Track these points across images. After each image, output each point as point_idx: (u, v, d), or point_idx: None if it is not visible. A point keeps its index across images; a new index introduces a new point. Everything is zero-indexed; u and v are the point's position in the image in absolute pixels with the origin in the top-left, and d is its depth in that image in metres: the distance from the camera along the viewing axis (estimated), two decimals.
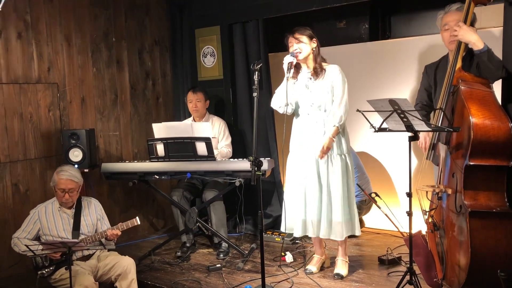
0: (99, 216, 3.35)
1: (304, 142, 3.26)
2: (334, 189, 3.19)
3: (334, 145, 3.19)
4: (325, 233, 3.22)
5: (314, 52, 3.21)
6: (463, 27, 2.73)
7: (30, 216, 3.22)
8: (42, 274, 3.06)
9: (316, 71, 3.21)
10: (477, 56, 2.73)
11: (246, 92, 4.45)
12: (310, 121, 3.24)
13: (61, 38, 4.01)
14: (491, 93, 2.64)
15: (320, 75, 3.20)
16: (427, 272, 2.87)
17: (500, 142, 2.48)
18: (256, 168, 2.75)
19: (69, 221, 3.23)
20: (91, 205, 3.36)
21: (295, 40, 3.18)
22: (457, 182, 2.61)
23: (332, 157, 3.20)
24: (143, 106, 4.70)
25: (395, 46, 4.28)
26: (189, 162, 3.73)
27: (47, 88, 3.92)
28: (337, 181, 3.18)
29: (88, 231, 3.25)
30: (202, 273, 3.55)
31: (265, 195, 4.38)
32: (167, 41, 4.90)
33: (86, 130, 3.83)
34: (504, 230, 2.47)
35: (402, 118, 2.56)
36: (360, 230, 3.27)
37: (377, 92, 4.17)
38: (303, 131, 3.27)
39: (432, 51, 3.27)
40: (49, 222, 3.19)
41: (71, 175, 3.18)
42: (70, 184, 3.16)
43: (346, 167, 3.21)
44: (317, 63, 3.21)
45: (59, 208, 3.24)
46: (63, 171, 3.18)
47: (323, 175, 3.21)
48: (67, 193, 3.16)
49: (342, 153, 3.22)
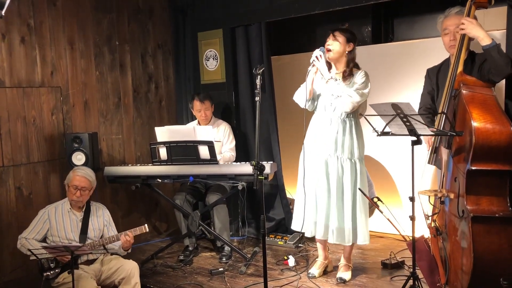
0: (106, 222, 3.37)
1: (318, 140, 3.24)
2: (344, 194, 3.17)
3: (346, 148, 3.16)
4: (332, 239, 3.21)
5: (347, 56, 3.17)
6: (471, 21, 2.69)
7: (40, 216, 3.23)
8: (47, 276, 3.07)
9: (345, 74, 3.17)
10: (485, 52, 2.69)
11: (248, 95, 4.45)
12: (326, 121, 3.21)
13: (65, 42, 4.03)
14: (492, 97, 2.63)
15: (347, 79, 3.17)
16: (430, 276, 2.85)
17: (502, 147, 2.46)
18: (259, 172, 2.75)
19: (78, 224, 3.24)
20: (100, 210, 3.38)
21: (332, 37, 3.16)
22: (459, 186, 2.60)
23: (342, 160, 3.18)
24: (146, 109, 4.71)
25: (398, 49, 4.27)
26: (191, 166, 3.73)
27: (50, 92, 3.94)
28: (347, 186, 3.16)
29: (95, 235, 3.26)
30: (205, 277, 3.55)
31: (268, 198, 4.38)
32: (170, 45, 4.92)
33: (89, 134, 3.84)
34: (507, 236, 2.45)
35: (405, 122, 2.56)
36: (368, 240, 3.22)
37: (380, 95, 4.15)
38: (319, 129, 3.25)
39: (435, 54, 3.25)
40: (57, 223, 3.21)
41: (86, 173, 3.26)
42: (84, 182, 3.21)
43: (356, 173, 3.19)
44: (349, 67, 3.17)
45: (69, 209, 3.26)
46: (79, 169, 3.30)
47: (332, 179, 3.19)
48: (79, 191, 3.19)
49: (353, 158, 3.19)
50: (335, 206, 3.17)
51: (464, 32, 2.74)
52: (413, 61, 4.13)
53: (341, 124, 3.17)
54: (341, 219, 3.17)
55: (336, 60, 3.19)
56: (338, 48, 3.15)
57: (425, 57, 4.02)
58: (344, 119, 3.18)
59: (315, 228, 3.27)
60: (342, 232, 3.19)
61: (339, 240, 3.20)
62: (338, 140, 3.17)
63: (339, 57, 3.18)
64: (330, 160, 3.19)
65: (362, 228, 3.20)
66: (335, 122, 3.18)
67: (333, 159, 3.18)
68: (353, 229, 3.17)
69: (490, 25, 3.78)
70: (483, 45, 2.69)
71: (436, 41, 3.42)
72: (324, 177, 3.20)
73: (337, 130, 3.17)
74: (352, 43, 3.17)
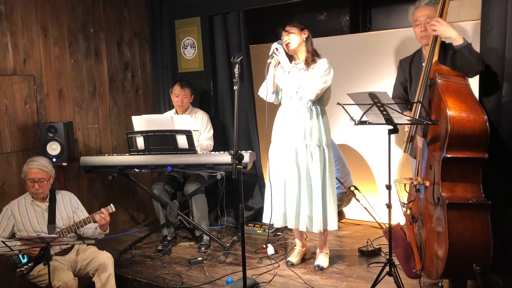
0: (74, 208, 3.30)
1: (285, 131, 3.26)
2: (313, 182, 3.20)
3: (314, 136, 3.20)
4: (304, 227, 3.24)
5: (305, 42, 3.23)
6: (443, 23, 2.74)
7: (3, 212, 3.15)
8: (21, 272, 3.01)
9: (307, 61, 3.22)
10: (458, 51, 2.75)
11: (227, 84, 4.42)
12: (292, 111, 3.24)
13: (37, 29, 3.92)
14: (467, 86, 2.68)
15: (310, 65, 3.21)
16: (406, 263, 2.91)
17: (476, 135, 2.52)
18: (237, 161, 2.74)
19: (43, 215, 3.17)
20: (66, 198, 3.30)
21: (286, 33, 3.22)
22: (434, 174, 2.65)
23: (311, 148, 3.21)
24: (122, 98, 4.64)
25: (375, 39, 4.30)
26: (169, 155, 3.70)
27: (23, 80, 3.83)
28: (316, 174, 3.19)
29: (64, 224, 3.20)
30: (184, 267, 3.54)
31: (247, 187, 4.38)
32: (146, 32, 4.84)
33: (64, 123, 3.77)
34: (480, 221, 2.51)
35: (382, 111, 2.58)
36: (338, 223, 3.26)
37: (357, 84, 4.19)
38: (285, 120, 3.27)
39: (412, 43, 3.28)
40: (22, 217, 3.14)
41: (41, 164, 3.14)
42: (39, 173, 3.12)
43: (325, 159, 3.22)
44: (309, 52, 3.23)
45: (32, 201, 3.18)
46: (32, 161, 3.16)
47: (302, 167, 3.22)
48: (36, 183, 3.11)
49: (321, 145, 3.22)
50: (306, 194, 3.20)
51: (436, 34, 2.79)
52: (390, 51, 4.17)
53: (308, 112, 3.20)
54: (311, 207, 3.21)
55: (296, 50, 3.25)
56: (296, 39, 3.21)
57: (402, 46, 4.07)
58: (310, 107, 3.20)
59: (284, 219, 3.30)
60: (312, 220, 3.21)
61: (311, 228, 3.22)
62: (306, 128, 3.20)
63: (299, 46, 3.23)
64: (299, 149, 3.22)
65: (332, 215, 3.23)
66: (302, 111, 3.21)
67: (302, 147, 3.21)
68: (323, 216, 3.21)
69: (465, 15, 3.84)
70: (455, 45, 2.75)
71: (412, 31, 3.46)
72: (294, 166, 3.23)
73: (305, 119, 3.20)
74: (306, 30, 3.24)
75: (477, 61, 2.71)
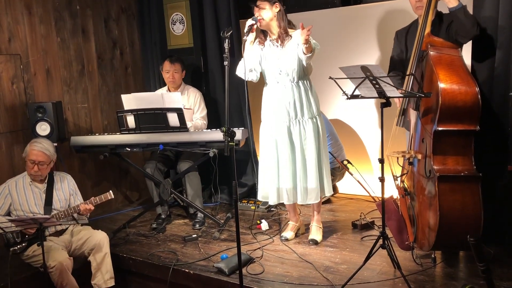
0: (71, 191, 3.30)
1: (275, 110, 3.24)
2: (308, 154, 3.21)
3: (305, 110, 3.18)
4: (301, 199, 3.26)
5: (277, 17, 3.15)
6: None
7: (0, 190, 3.13)
8: (14, 251, 3.01)
9: (281, 36, 3.16)
10: (452, 14, 2.70)
11: (217, 60, 4.36)
12: (279, 89, 3.21)
13: (21, 7, 3.82)
14: (459, 58, 2.65)
15: (285, 41, 3.16)
16: (399, 235, 2.94)
17: (468, 107, 2.51)
18: (229, 138, 2.72)
19: (41, 196, 3.17)
20: (64, 180, 3.30)
21: (256, 8, 3.15)
22: (426, 147, 2.65)
23: (304, 121, 3.20)
24: (112, 76, 4.57)
25: (367, 11, 4.24)
26: (161, 134, 3.67)
27: (8, 60, 3.75)
28: (311, 145, 3.19)
29: (61, 206, 3.20)
30: (178, 244, 3.56)
31: (240, 164, 4.38)
32: (134, 8, 4.73)
33: (53, 103, 3.71)
34: (471, 193, 2.53)
35: (374, 85, 2.56)
36: (333, 191, 3.33)
37: (349, 58, 4.14)
38: (274, 99, 3.25)
39: (404, 16, 3.25)
40: (20, 196, 3.12)
41: (44, 147, 3.13)
42: (41, 156, 3.10)
43: (317, 130, 3.23)
44: (281, 28, 3.16)
45: (30, 182, 3.17)
46: (36, 143, 3.15)
47: (296, 141, 3.21)
48: (36, 165, 3.10)
49: (313, 116, 3.21)
50: (301, 168, 3.21)
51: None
52: (382, 24, 4.11)
53: (296, 88, 3.18)
54: (306, 179, 3.22)
55: (269, 26, 3.18)
56: (268, 14, 3.13)
57: (393, 19, 4.01)
58: (297, 83, 3.18)
59: (278, 195, 3.31)
60: (307, 192, 3.24)
61: (306, 199, 3.24)
62: (296, 104, 3.18)
63: (271, 21, 3.16)
64: (292, 126, 3.21)
65: (328, 181, 3.29)
66: (289, 87, 3.18)
67: (295, 123, 3.20)
68: (321, 186, 3.25)
69: None
70: (449, 7, 2.70)
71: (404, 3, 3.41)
72: (287, 143, 3.22)
73: (293, 94, 3.18)
74: (277, 3, 3.14)
75: (472, 24, 2.68)
